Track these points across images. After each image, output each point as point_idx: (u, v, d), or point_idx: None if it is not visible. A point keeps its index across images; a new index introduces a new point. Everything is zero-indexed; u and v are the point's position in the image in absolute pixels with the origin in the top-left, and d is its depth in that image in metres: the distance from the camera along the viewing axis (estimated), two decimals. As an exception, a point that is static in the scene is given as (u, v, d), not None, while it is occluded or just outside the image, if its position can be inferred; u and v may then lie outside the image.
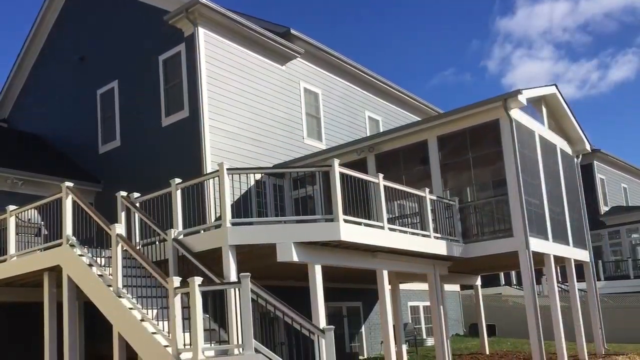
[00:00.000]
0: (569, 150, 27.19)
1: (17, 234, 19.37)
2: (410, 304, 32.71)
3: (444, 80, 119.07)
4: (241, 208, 22.46)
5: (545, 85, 24.40)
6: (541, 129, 24.20)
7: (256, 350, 13.54)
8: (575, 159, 27.85)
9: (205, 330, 14.55)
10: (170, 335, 13.73)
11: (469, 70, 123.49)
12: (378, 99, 34.33)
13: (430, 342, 31.65)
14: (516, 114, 21.49)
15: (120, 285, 15.24)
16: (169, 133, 24.40)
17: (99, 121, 27.83)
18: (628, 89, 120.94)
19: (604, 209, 47.64)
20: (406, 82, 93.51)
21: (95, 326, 20.68)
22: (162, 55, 25.12)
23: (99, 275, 15.91)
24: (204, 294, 14.00)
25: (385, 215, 18.29)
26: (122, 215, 17.95)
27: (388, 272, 19.66)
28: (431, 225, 20.27)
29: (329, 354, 13.77)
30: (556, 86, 24.88)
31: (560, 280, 35.38)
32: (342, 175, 16.86)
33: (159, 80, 25.12)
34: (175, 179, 17.29)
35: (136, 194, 18.40)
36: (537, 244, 21.33)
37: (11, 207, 19.21)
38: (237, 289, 13.88)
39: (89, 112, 28.39)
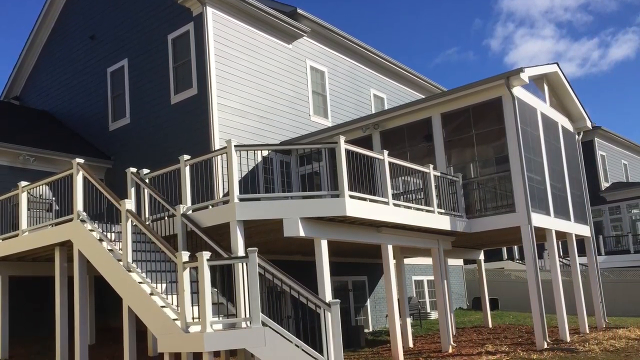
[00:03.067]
0: (570, 127, 27.42)
1: (28, 209, 19.66)
2: (414, 278, 33.07)
3: (447, 59, 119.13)
4: (248, 184, 22.80)
5: (547, 64, 24.57)
6: (543, 107, 24.44)
7: (263, 324, 13.77)
8: (577, 136, 28.07)
9: (213, 304, 14.84)
10: (179, 308, 14.01)
11: (471, 49, 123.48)
12: (383, 77, 34.55)
13: (434, 315, 32.01)
14: (518, 91, 21.72)
15: (130, 259, 15.53)
16: (177, 110, 24.66)
17: (109, 99, 28.09)
18: (628, 67, 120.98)
19: (604, 185, 47.91)
20: (410, 61, 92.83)
21: (105, 300, 21.08)
22: (171, 34, 25.34)
23: (109, 249, 16.17)
24: (212, 269, 14.28)
25: (390, 191, 18.53)
26: (132, 191, 18.19)
27: (393, 246, 19.97)
28: (435, 201, 20.54)
29: (334, 328, 14.06)
30: (558, 64, 25.07)
31: (561, 254, 35.74)
32: (347, 152, 17.08)
33: (168, 58, 25.36)
34: (184, 155, 17.52)
35: (146, 170, 18.66)
36: (539, 219, 21.65)
37: (23, 183, 19.52)
38: (244, 264, 14.11)
39: (99, 90, 28.68)
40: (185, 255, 13.89)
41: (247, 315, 13.93)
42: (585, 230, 26.71)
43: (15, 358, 20.11)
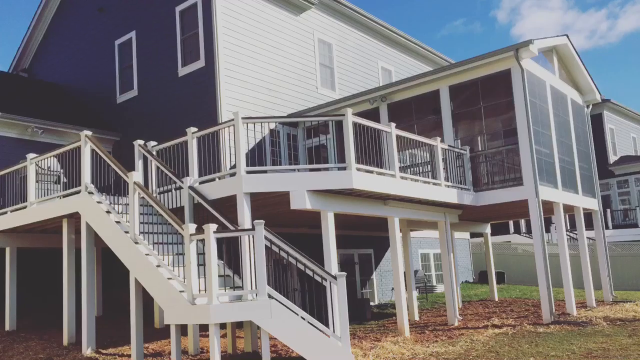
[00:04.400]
0: (579, 100, 27.28)
1: (37, 181, 19.70)
2: (420, 251, 33.08)
3: (453, 31, 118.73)
4: (255, 157, 22.80)
5: (557, 36, 24.44)
6: (552, 79, 24.32)
7: (269, 296, 13.80)
8: (586, 109, 27.93)
9: (219, 276, 14.93)
10: (185, 280, 14.08)
11: (478, 20, 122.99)
12: (391, 49, 34.41)
13: (440, 288, 32.07)
14: (527, 64, 21.61)
15: (137, 231, 15.55)
16: (185, 83, 24.63)
17: (117, 71, 28.09)
18: (637, 39, 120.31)
19: (613, 158, 47.71)
20: (416, 33, 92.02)
21: (113, 272, 21.15)
22: (179, 7, 25.22)
23: (116, 221, 16.23)
24: (219, 241, 14.34)
25: (397, 164, 18.48)
26: (139, 164, 18.21)
27: (399, 219, 19.98)
28: (442, 174, 20.49)
29: (340, 300, 14.07)
30: (567, 36, 24.91)
31: (569, 228, 35.68)
32: (355, 124, 17.03)
33: (176, 31, 25.28)
34: (191, 127, 17.51)
35: (153, 143, 18.66)
36: (546, 193, 21.59)
37: (31, 155, 19.56)
38: (251, 236, 14.18)
39: (107, 62, 28.67)
40: (192, 228, 13.93)
41: (254, 288, 13.95)
42: (593, 204, 26.64)
43: (24, 329, 20.23)
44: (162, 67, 25.72)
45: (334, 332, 13.78)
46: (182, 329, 15.15)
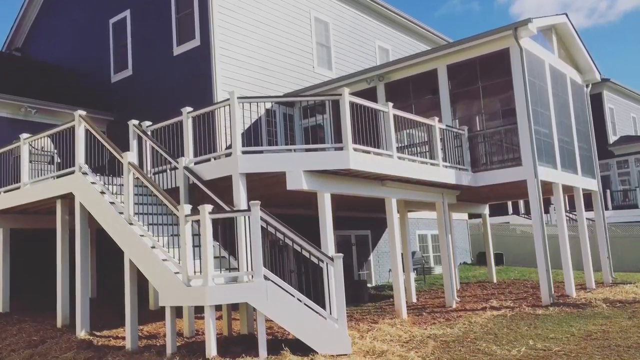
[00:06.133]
0: (578, 79, 27.06)
1: (30, 162, 19.51)
2: (418, 232, 32.93)
3: (452, 10, 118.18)
4: (251, 137, 22.59)
5: (556, 14, 24.19)
6: (551, 58, 24.09)
7: (265, 278, 13.67)
8: (585, 89, 27.71)
9: (215, 257, 14.77)
10: (180, 262, 13.91)
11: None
12: (388, 28, 34.14)
13: (438, 270, 31.95)
14: (526, 43, 21.39)
15: (131, 212, 15.36)
16: (180, 62, 24.38)
17: (111, 50, 27.79)
18: (637, 18, 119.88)
19: (612, 138, 47.44)
20: (413, 12, 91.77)
21: (107, 254, 20.97)
22: (174, -16, 25.00)
23: (110, 202, 16.03)
24: (214, 222, 14.14)
25: (394, 144, 18.30)
26: (134, 144, 18.07)
27: (397, 200, 19.80)
28: (440, 154, 20.31)
29: (337, 282, 13.92)
30: (567, 15, 24.67)
31: (568, 209, 35.49)
32: (351, 104, 16.84)
33: (171, 9, 24.98)
34: (187, 107, 17.35)
35: (147, 123, 18.50)
36: (545, 173, 21.41)
37: (25, 135, 19.34)
38: (247, 217, 14.01)
39: (101, 42, 28.35)
40: (187, 208, 13.76)
41: (249, 269, 13.79)
42: (592, 184, 26.47)
43: (17, 311, 20.08)
44: (157, 46, 25.45)
45: (330, 314, 13.63)
46: (177, 311, 14.98)
